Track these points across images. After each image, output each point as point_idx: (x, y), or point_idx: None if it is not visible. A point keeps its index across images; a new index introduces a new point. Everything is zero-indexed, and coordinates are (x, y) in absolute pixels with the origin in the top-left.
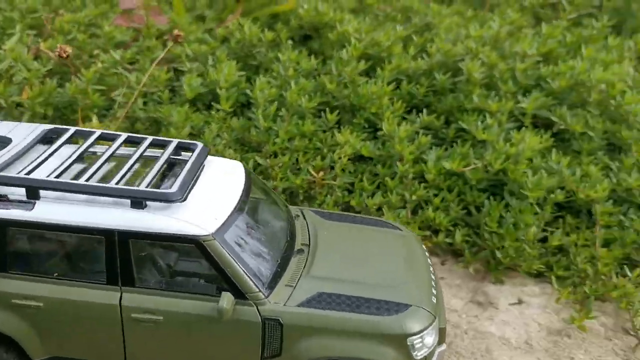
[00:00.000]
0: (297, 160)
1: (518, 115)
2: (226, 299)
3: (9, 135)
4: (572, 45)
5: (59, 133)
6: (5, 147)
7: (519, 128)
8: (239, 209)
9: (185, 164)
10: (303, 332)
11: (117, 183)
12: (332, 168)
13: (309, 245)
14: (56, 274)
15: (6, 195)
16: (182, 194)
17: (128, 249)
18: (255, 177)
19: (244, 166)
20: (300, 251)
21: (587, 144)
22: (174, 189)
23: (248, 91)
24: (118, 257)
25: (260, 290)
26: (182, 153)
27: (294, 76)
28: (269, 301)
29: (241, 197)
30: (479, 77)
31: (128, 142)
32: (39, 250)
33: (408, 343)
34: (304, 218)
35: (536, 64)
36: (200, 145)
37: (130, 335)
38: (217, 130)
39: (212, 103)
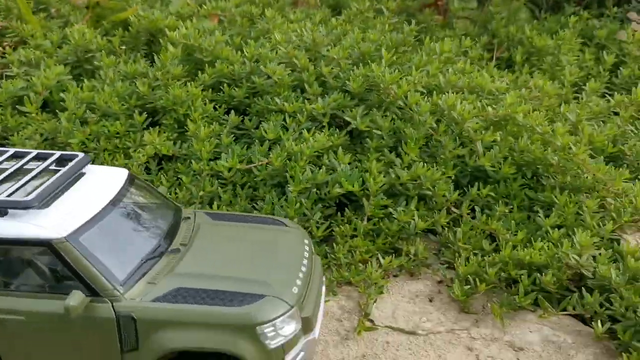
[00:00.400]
0: (104, 158)
1: (317, 116)
2: (74, 297)
3: None
4: (389, 48)
5: None
6: None
7: (319, 128)
8: (103, 213)
9: (57, 174)
10: (156, 325)
11: None
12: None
13: (186, 245)
14: None
15: None
16: (39, 201)
17: None
18: (140, 183)
19: (128, 173)
20: (176, 251)
21: (375, 141)
22: (32, 196)
23: (62, 94)
24: None
25: (115, 288)
26: (66, 164)
27: (114, 80)
28: (125, 298)
29: (110, 202)
30: (289, 80)
31: (14, 156)
32: None
33: (258, 332)
34: (194, 220)
35: (351, 66)
36: (80, 155)
37: None
38: (31, 133)
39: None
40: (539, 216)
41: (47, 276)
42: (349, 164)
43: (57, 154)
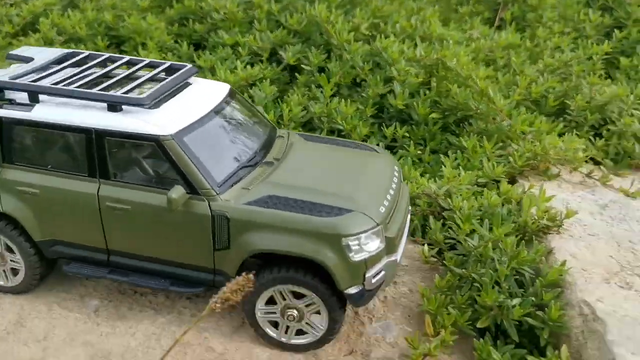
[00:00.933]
0: None
1: (258, 50)
2: (175, 191)
3: (32, 56)
4: None
5: (74, 55)
6: (27, 64)
7: (259, 61)
8: (206, 119)
9: (166, 79)
10: (248, 227)
11: (100, 90)
12: None
13: (279, 160)
14: (50, 166)
15: (14, 99)
16: (151, 101)
17: (103, 146)
18: (241, 99)
19: (229, 87)
20: (269, 163)
21: (303, 76)
22: (144, 96)
23: (41, 19)
24: (96, 153)
25: (212, 188)
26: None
27: (87, 10)
28: (220, 198)
29: (213, 109)
30: (240, 17)
31: (129, 63)
32: (36, 146)
33: (343, 243)
34: (287, 138)
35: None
36: (188, 66)
37: (106, 221)
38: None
39: None
40: (447, 156)
41: (153, 171)
42: (274, 94)
43: (167, 63)
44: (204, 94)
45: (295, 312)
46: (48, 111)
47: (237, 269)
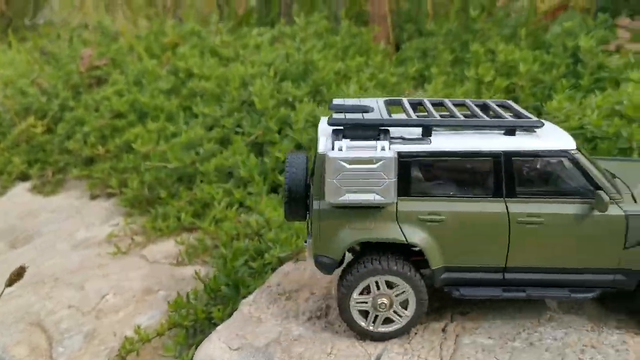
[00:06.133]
0: None
1: None
2: (602, 195)
3: (362, 105)
4: None
5: (394, 102)
6: (369, 111)
7: None
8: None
9: (519, 111)
10: None
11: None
12: None
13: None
14: (451, 192)
15: (402, 136)
16: (542, 123)
17: (511, 166)
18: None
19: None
20: (612, 174)
21: None
22: (536, 118)
23: None
24: (504, 173)
25: (615, 192)
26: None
27: None
28: (625, 201)
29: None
30: None
31: (460, 105)
32: (436, 175)
33: None
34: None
35: None
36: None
37: (515, 237)
38: None
39: None
40: None
41: (559, 183)
42: None
43: (501, 101)
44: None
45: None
46: (447, 141)
47: None
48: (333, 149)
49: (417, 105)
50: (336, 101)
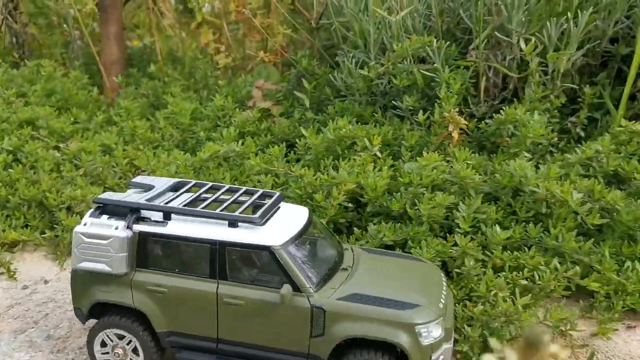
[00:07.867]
0: None
1: None
2: (286, 289)
3: (151, 183)
4: None
5: (184, 184)
6: (151, 190)
7: None
8: (301, 233)
9: (266, 204)
10: (340, 317)
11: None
12: None
13: (351, 267)
14: (177, 269)
15: (150, 218)
16: (262, 220)
17: (224, 254)
18: (316, 218)
19: (308, 210)
20: (345, 269)
21: None
22: (257, 215)
23: None
24: (217, 259)
25: (310, 287)
26: (266, 199)
27: None
28: (317, 295)
29: (303, 227)
30: None
31: (228, 190)
32: (166, 254)
33: (416, 330)
34: (352, 251)
35: None
36: (277, 194)
37: (222, 315)
38: None
39: None
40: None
41: (262, 273)
42: None
43: (260, 191)
44: (292, 215)
45: None
46: (180, 226)
47: (329, 353)
48: (85, 224)
49: (199, 189)
50: (138, 178)
